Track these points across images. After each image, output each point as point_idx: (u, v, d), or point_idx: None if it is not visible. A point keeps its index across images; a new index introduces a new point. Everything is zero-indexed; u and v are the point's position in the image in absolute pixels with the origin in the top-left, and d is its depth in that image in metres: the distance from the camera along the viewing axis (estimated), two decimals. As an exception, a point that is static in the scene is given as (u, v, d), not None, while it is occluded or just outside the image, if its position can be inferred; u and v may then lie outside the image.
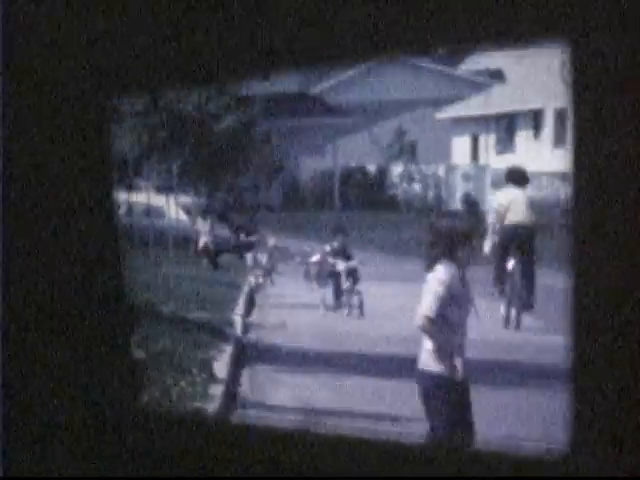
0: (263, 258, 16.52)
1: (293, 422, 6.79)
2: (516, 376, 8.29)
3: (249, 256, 17.00)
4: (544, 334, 10.04)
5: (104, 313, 1.98)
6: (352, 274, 13.34)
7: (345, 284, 13.15)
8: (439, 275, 4.97)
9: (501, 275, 11.52)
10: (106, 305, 1.97)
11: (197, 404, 7.16)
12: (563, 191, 20.52)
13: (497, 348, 9.48)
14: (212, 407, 7.17)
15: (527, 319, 11.18)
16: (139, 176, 17.82)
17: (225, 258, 17.87)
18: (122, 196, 16.77)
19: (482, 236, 10.88)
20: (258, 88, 20.31)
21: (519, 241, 11.31)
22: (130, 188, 17.33)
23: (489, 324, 10.24)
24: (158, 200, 17.95)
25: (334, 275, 13.54)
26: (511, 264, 11.40)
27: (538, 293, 11.31)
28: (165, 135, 17.50)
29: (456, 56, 29.17)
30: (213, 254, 17.57)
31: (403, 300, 13.19)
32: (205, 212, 18.42)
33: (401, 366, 8.42)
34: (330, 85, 23.33)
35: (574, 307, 1.42)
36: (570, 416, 1.45)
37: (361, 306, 12.54)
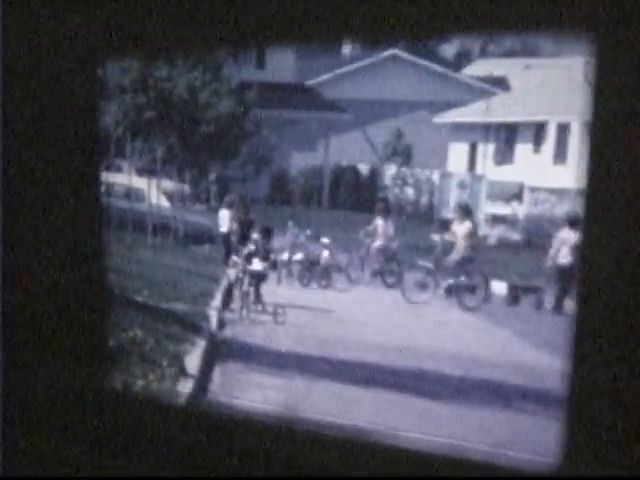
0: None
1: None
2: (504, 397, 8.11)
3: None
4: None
5: (84, 296, 1.95)
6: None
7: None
8: None
9: None
10: (86, 287, 1.95)
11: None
12: (559, 208, 20.20)
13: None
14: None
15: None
16: (121, 156, 17.05)
17: (206, 250, 17.20)
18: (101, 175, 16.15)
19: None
20: (253, 76, 19.63)
21: None
22: (109, 168, 16.62)
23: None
24: (139, 183, 17.16)
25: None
26: None
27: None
28: (152, 116, 16.73)
29: (461, 59, 28.45)
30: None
31: (383, 307, 13.05)
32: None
33: (375, 375, 8.35)
34: (327, 78, 22.63)
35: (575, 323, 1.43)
36: (561, 428, 1.45)
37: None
